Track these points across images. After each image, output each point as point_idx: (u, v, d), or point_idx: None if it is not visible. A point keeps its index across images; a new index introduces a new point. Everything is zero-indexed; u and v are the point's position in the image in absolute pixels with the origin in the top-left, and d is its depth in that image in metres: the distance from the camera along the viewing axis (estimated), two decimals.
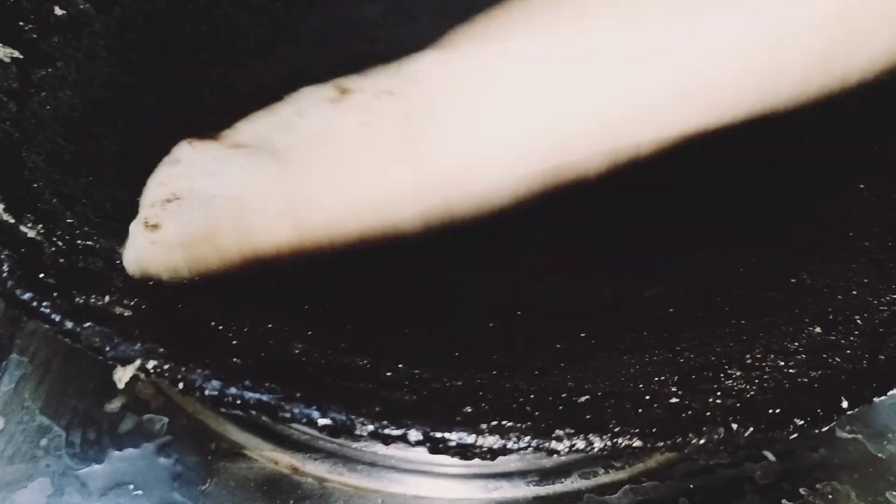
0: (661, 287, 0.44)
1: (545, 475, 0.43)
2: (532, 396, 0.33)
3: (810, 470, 0.44)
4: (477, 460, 0.41)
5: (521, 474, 0.43)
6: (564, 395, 0.33)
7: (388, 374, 0.35)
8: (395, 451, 0.43)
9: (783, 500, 0.43)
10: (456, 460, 0.42)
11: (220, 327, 0.35)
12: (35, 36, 0.48)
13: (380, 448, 0.43)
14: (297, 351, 0.35)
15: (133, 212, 0.43)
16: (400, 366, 0.36)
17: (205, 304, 0.37)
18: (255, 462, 0.43)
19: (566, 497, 0.43)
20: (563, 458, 0.44)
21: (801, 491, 0.43)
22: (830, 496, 0.43)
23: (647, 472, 0.44)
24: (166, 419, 0.44)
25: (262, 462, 0.43)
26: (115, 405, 0.45)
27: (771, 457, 0.44)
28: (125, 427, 0.44)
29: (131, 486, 0.42)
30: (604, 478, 0.43)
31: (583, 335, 0.40)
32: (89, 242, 0.38)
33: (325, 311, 0.40)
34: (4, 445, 0.43)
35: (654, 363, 0.36)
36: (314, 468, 0.43)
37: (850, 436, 0.45)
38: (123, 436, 0.44)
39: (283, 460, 0.43)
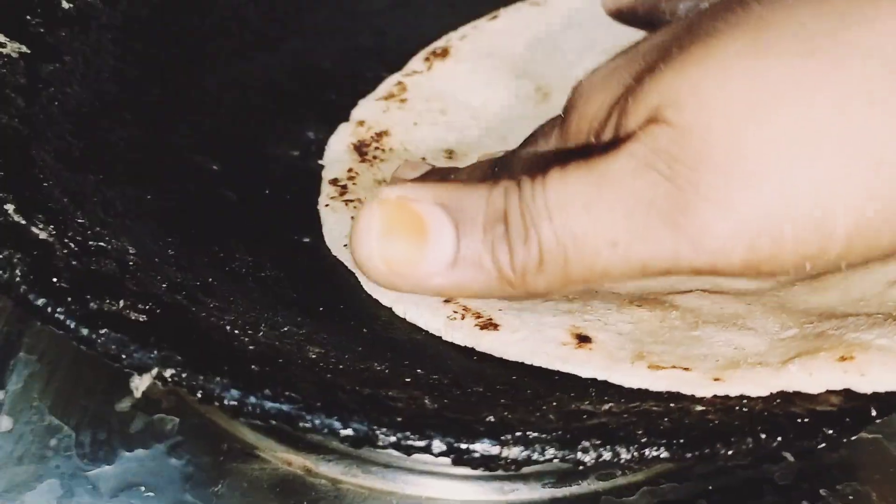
0: None
1: (562, 477, 0.43)
2: (554, 404, 0.32)
3: (830, 471, 0.44)
4: None
5: (537, 476, 0.43)
6: (588, 403, 0.32)
7: (408, 379, 0.34)
8: None
9: (803, 502, 0.42)
10: None
11: (236, 331, 0.35)
12: (42, 30, 0.47)
13: (392, 450, 0.43)
14: (313, 356, 0.35)
15: (142, 209, 0.43)
16: (419, 371, 0.35)
17: (219, 307, 0.37)
18: (268, 463, 0.43)
19: (583, 499, 0.42)
20: None
21: (822, 492, 0.43)
22: (851, 497, 0.43)
23: (665, 474, 0.43)
24: (177, 419, 0.44)
25: (275, 463, 0.43)
26: (125, 405, 0.44)
27: (790, 457, 0.43)
28: (135, 427, 0.44)
29: (142, 488, 0.41)
30: (621, 480, 0.43)
31: None
32: (101, 243, 0.38)
33: (340, 314, 0.40)
34: (13, 446, 0.43)
35: None
36: (328, 469, 0.42)
37: (870, 436, 0.45)
38: (134, 436, 0.43)
39: (297, 461, 0.43)
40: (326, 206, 0.47)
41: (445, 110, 0.53)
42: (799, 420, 0.30)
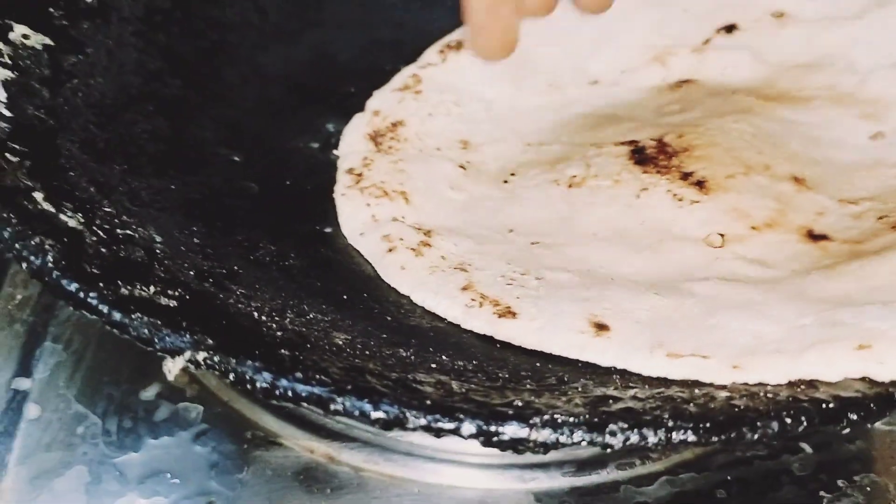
0: None
1: (581, 466, 0.43)
2: (579, 389, 0.33)
3: (848, 462, 0.44)
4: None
5: (558, 465, 0.43)
6: (613, 388, 0.32)
7: (433, 365, 0.35)
8: (432, 442, 0.43)
9: (821, 492, 0.43)
10: (493, 450, 0.43)
11: (263, 318, 0.35)
12: (65, 22, 0.48)
13: (416, 438, 0.43)
14: (340, 342, 0.35)
15: (167, 199, 0.43)
16: (443, 357, 0.36)
17: (245, 294, 0.37)
18: (291, 451, 0.43)
19: (603, 488, 0.43)
20: (599, 449, 0.44)
21: (839, 483, 0.43)
22: (868, 488, 0.43)
23: (683, 464, 0.43)
24: (201, 407, 0.44)
25: (298, 451, 0.43)
26: (150, 393, 0.45)
27: (808, 449, 0.44)
28: (160, 415, 0.44)
29: (168, 475, 0.42)
30: (641, 469, 0.43)
31: None
32: (128, 231, 0.38)
33: (364, 302, 0.40)
34: (41, 433, 0.43)
35: None
36: (350, 457, 0.43)
37: (887, 428, 0.45)
38: (159, 424, 0.44)
39: (319, 449, 0.43)
40: (343, 195, 0.48)
41: (459, 102, 0.54)
42: (823, 405, 0.30)
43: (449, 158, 0.50)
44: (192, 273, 0.37)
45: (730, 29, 0.53)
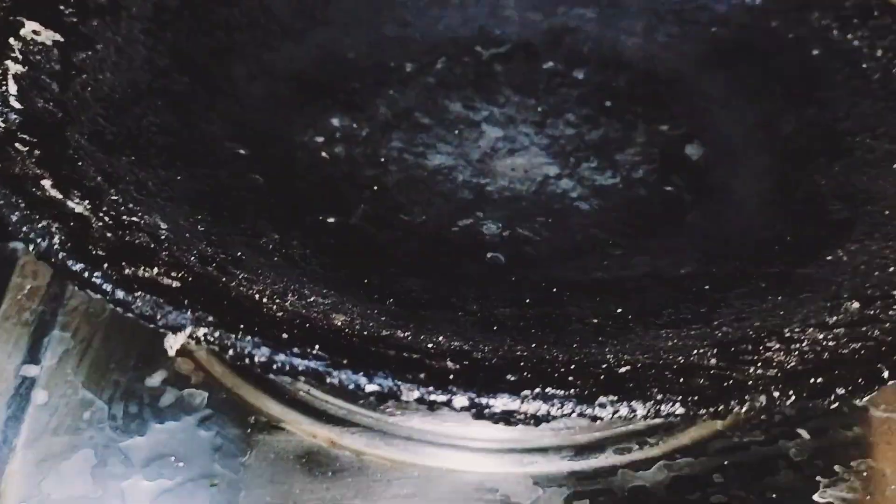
0: (696, 265, 0.44)
1: (580, 450, 0.44)
2: (573, 367, 0.33)
3: (845, 448, 0.44)
4: (514, 434, 0.43)
5: (556, 449, 0.44)
6: (605, 365, 0.33)
7: (430, 345, 0.35)
8: (432, 426, 0.44)
9: (817, 477, 0.43)
10: (492, 434, 0.43)
11: (264, 300, 0.36)
12: (75, 19, 0.49)
13: (416, 422, 0.44)
14: (339, 323, 0.36)
15: (174, 190, 0.44)
16: (440, 339, 0.36)
17: (248, 278, 0.38)
18: (294, 435, 0.44)
19: (601, 472, 0.43)
20: (597, 434, 0.44)
21: (836, 468, 0.43)
22: (865, 474, 0.43)
23: (681, 449, 0.44)
24: (206, 393, 0.45)
25: (301, 435, 0.44)
26: (155, 380, 0.46)
27: (805, 434, 0.45)
28: (166, 401, 0.45)
29: (173, 458, 0.42)
30: (638, 454, 0.44)
31: (619, 311, 0.40)
32: (134, 219, 0.39)
33: (365, 288, 0.41)
34: (49, 418, 0.44)
35: (691, 337, 0.37)
36: (351, 441, 0.43)
37: (885, 415, 0.45)
38: (164, 409, 0.44)
39: (321, 434, 0.44)
40: None
41: None
42: (812, 380, 0.31)
43: None
44: (195, 258, 0.38)
45: None
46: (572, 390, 0.30)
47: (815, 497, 0.42)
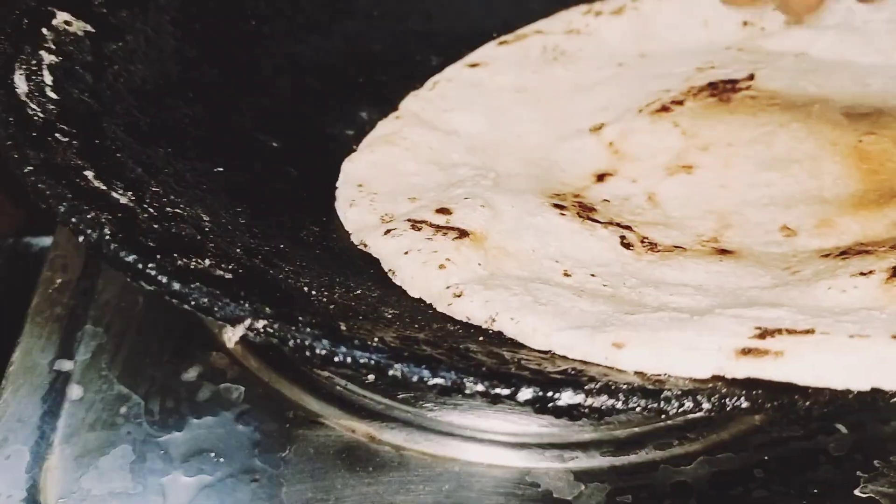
0: None
1: (620, 446, 0.43)
2: None
3: (884, 442, 0.44)
4: (553, 429, 0.43)
5: (596, 444, 0.43)
6: None
7: (481, 338, 0.35)
8: (472, 421, 0.43)
9: (857, 472, 0.43)
10: (531, 430, 0.43)
11: (313, 293, 0.36)
12: (105, 10, 0.49)
13: (455, 417, 0.43)
14: (389, 315, 0.36)
15: (212, 182, 0.44)
16: (490, 332, 0.36)
17: (294, 271, 0.38)
18: (333, 430, 0.43)
19: (641, 468, 0.43)
20: (636, 430, 0.44)
21: (875, 463, 0.43)
22: None
23: (721, 444, 0.44)
24: (243, 388, 0.45)
25: (340, 430, 0.43)
26: (191, 375, 0.45)
27: (843, 429, 0.44)
28: (203, 396, 0.44)
29: (212, 454, 0.42)
30: (678, 449, 0.44)
31: None
32: (177, 210, 0.39)
33: None
34: (85, 413, 0.44)
35: None
36: (391, 437, 0.43)
37: None
38: (201, 404, 0.44)
39: (360, 429, 0.43)
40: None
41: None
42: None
43: None
44: (240, 250, 0.37)
45: None
46: (636, 384, 0.30)
47: (857, 492, 0.42)
